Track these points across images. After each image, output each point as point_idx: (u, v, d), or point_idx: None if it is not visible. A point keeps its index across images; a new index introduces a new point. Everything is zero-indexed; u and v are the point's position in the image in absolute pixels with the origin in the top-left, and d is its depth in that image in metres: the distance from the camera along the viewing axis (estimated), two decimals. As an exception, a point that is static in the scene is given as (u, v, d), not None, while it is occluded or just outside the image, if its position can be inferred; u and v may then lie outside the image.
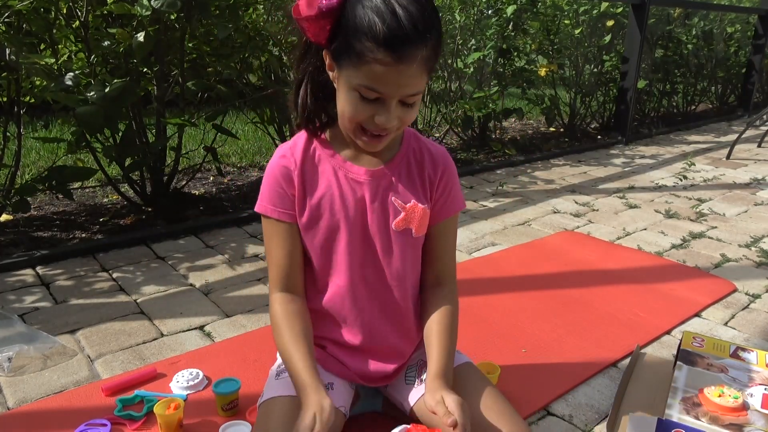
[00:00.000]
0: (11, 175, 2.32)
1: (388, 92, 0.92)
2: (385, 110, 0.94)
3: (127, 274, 2.09)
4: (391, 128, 0.97)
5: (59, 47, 2.47)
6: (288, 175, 1.07)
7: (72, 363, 1.55)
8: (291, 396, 1.06)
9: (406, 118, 0.98)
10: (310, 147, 1.09)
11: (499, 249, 2.41)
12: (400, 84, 0.91)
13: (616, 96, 4.74)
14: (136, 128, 2.53)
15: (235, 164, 3.66)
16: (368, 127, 0.97)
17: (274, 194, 1.08)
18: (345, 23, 0.90)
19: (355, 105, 0.95)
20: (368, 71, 0.90)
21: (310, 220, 1.08)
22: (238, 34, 2.67)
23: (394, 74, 0.89)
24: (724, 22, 5.94)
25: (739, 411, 1.28)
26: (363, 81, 0.91)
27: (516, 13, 3.86)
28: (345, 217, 1.08)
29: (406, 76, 0.90)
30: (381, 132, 0.98)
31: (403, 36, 0.87)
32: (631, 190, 3.36)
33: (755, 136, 4.89)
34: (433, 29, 0.90)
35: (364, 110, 0.95)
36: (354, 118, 0.97)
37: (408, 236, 1.10)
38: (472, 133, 4.31)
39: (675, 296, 1.99)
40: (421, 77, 0.93)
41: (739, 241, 2.56)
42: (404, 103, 0.95)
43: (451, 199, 1.14)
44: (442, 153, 1.14)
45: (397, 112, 0.95)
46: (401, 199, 1.09)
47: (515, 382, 1.47)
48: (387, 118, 0.94)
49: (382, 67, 0.89)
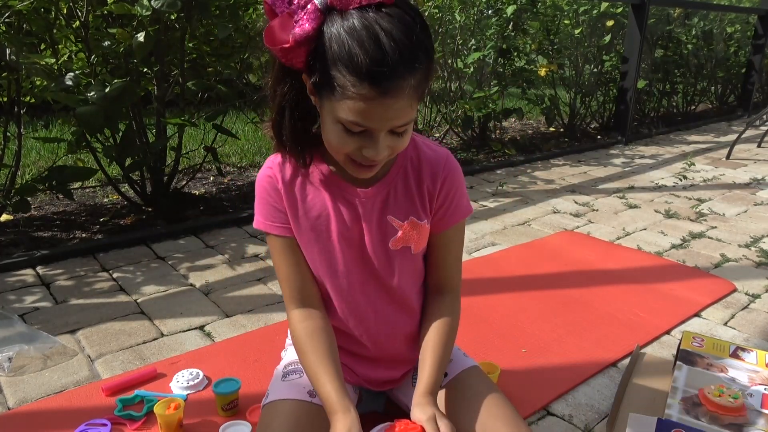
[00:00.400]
0: (11, 175, 2.32)
1: (374, 126, 0.83)
2: (373, 143, 0.86)
3: (128, 274, 2.09)
4: (381, 159, 0.90)
5: (59, 47, 2.47)
6: (276, 188, 1.02)
7: (72, 363, 1.55)
8: (297, 400, 1.05)
9: (397, 146, 0.89)
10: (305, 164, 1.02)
11: (499, 249, 2.41)
12: (387, 117, 0.82)
13: (616, 96, 4.74)
14: (136, 128, 2.53)
15: (235, 164, 3.66)
16: (356, 158, 0.89)
17: (267, 208, 1.03)
18: (323, 51, 0.80)
19: (341, 137, 0.86)
20: (351, 107, 0.81)
21: (308, 240, 1.04)
22: (238, 34, 2.67)
23: (380, 109, 0.81)
24: (724, 22, 5.94)
25: (738, 411, 1.29)
26: (346, 116, 0.82)
27: (516, 13, 3.86)
28: (341, 237, 1.03)
29: (393, 110, 0.82)
30: (371, 162, 0.90)
31: (387, 69, 0.77)
32: (631, 190, 3.36)
33: (755, 136, 4.89)
34: (421, 54, 0.80)
35: (350, 143, 0.86)
36: (340, 151, 0.89)
37: (407, 254, 1.06)
38: (472, 133, 4.31)
39: (675, 296, 1.99)
40: (411, 107, 0.84)
41: (739, 241, 2.56)
42: (394, 132, 0.87)
43: (453, 208, 1.06)
44: (443, 159, 1.04)
45: (387, 142, 0.87)
46: (398, 217, 1.03)
47: (515, 382, 1.47)
48: (376, 151, 0.86)
49: (367, 103, 0.80)
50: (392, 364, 1.16)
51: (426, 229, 1.05)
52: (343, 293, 1.07)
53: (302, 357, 1.02)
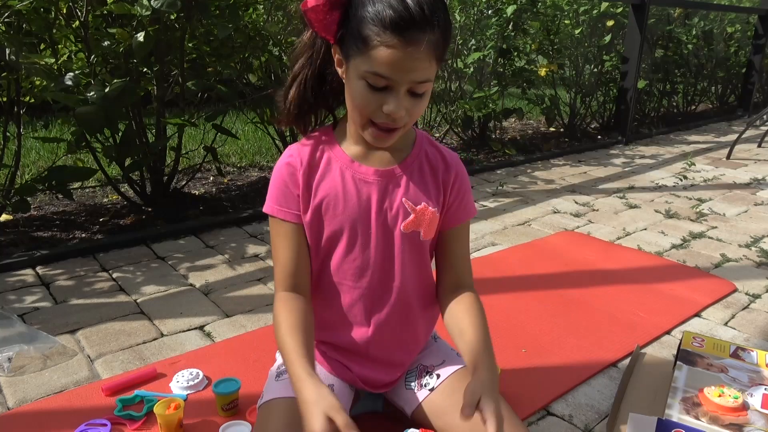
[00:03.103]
0: (11, 175, 2.32)
1: (395, 77, 0.90)
2: (393, 98, 0.92)
3: (127, 274, 2.09)
4: (400, 119, 0.95)
5: (59, 47, 2.47)
6: (293, 174, 1.05)
7: (72, 363, 1.55)
8: (291, 398, 1.04)
9: (415, 110, 0.96)
10: (318, 147, 1.08)
11: (499, 249, 2.41)
12: (407, 68, 0.89)
13: (616, 96, 4.74)
14: (136, 128, 2.53)
15: (235, 164, 3.66)
16: (377, 119, 0.95)
17: (280, 194, 1.06)
18: (353, 13, 0.90)
19: (363, 95, 0.93)
20: (375, 56, 0.89)
21: (312, 221, 1.06)
22: (238, 34, 2.67)
23: (402, 58, 0.88)
24: (724, 22, 5.94)
25: (739, 411, 1.29)
26: (370, 67, 0.90)
27: (516, 13, 3.86)
28: (346, 219, 1.05)
29: (413, 60, 0.88)
30: (390, 124, 0.96)
31: (409, 18, 0.86)
32: (631, 190, 3.36)
33: (755, 136, 4.89)
34: (440, 12, 0.89)
35: (372, 100, 0.93)
36: (362, 109, 0.95)
37: (415, 239, 1.08)
38: (472, 133, 4.31)
39: (675, 296, 1.99)
40: (430, 63, 0.91)
41: (739, 241, 2.56)
42: (413, 94, 0.93)
43: (464, 205, 1.11)
44: (455, 158, 1.12)
45: (406, 103, 0.93)
46: (412, 200, 1.06)
47: (515, 382, 1.47)
48: (396, 107, 0.92)
49: (389, 51, 0.88)
50: (385, 366, 1.16)
51: (436, 217, 1.08)
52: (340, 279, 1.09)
53: (276, 328, 1.03)
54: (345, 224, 1.06)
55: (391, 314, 1.11)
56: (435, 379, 1.15)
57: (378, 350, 1.14)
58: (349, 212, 1.05)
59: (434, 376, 1.15)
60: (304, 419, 0.87)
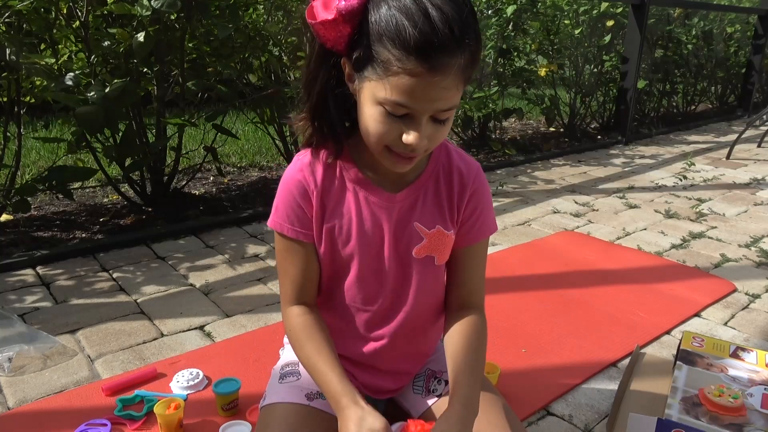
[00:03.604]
0: (11, 175, 2.32)
1: (418, 108, 0.80)
2: (415, 128, 0.82)
3: (128, 274, 2.09)
4: (420, 149, 0.84)
5: (59, 47, 2.47)
6: (305, 192, 0.96)
7: (72, 363, 1.55)
8: (295, 404, 1.03)
9: (437, 136, 0.85)
10: (331, 162, 0.97)
11: (499, 249, 2.41)
12: (432, 98, 0.79)
13: (616, 96, 4.74)
14: (136, 128, 2.53)
15: (235, 164, 3.66)
16: (395, 148, 0.85)
17: (291, 212, 0.97)
18: (368, 28, 0.78)
19: (381, 122, 0.82)
20: (396, 84, 0.78)
21: (326, 244, 1.00)
22: (238, 34, 2.67)
23: (426, 87, 0.77)
24: (724, 22, 5.94)
25: (738, 411, 1.29)
26: (389, 95, 0.79)
27: (516, 13, 3.86)
28: (359, 245, 0.99)
29: (439, 89, 0.78)
30: (410, 154, 0.86)
31: (437, 42, 0.74)
32: (630, 190, 3.36)
33: (755, 136, 4.89)
34: (471, 32, 0.77)
35: (390, 128, 0.83)
36: (379, 137, 0.84)
37: (429, 265, 1.02)
38: (472, 133, 4.31)
39: (675, 296, 1.99)
40: (457, 89, 0.80)
41: (739, 241, 2.56)
42: (436, 120, 0.83)
43: (480, 223, 1.02)
44: (474, 170, 1.01)
45: (428, 131, 0.83)
46: (425, 224, 0.99)
47: (515, 382, 1.47)
48: (416, 138, 0.82)
49: (413, 79, 0.77)
50: (392, 377, 1.13)
51: (451, 239, 1.02)
52: (349, 303, 1.04)
53: (299, 349, 0.97)
54: (357, 250, 0.99)
55: (400, 330, 1.07)
56: (443, 385, 1.12)
57: (385, 362, 1.10)
58: (362, 238, 0.99)
59: (442, 382, 1.12)
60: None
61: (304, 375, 1.09)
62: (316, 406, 1.03)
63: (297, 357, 0.99)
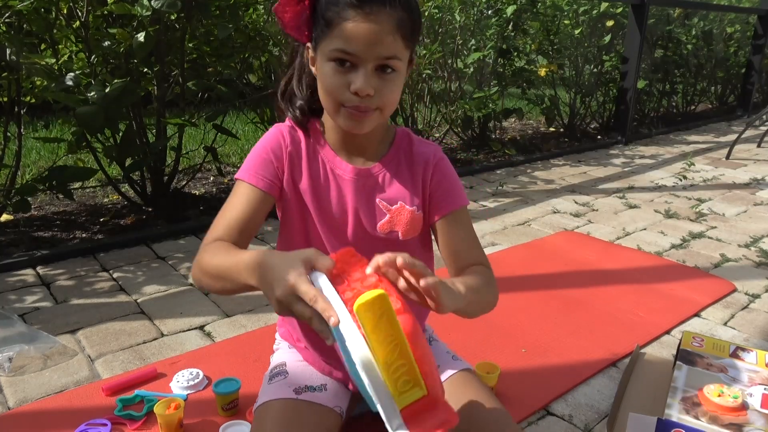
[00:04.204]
0: (12, 175, 2.32)
1: (359, 51, 0.89)
2: (360, 75, 0.90)
3: (128, 274, 2.09)
4: (370, 100, 0.92)
5: (59, 47, 2.47)
6: (279, 149, 1.03)
7: (72, 363, 1.55)
8: (284, 399, 1.04)
9: (385, 91, 0.92)
10: (307, 133, 1.05)
11: (499, 249, 2.41)
12: (370, 41, 0.88)
13: (616, 96, 4.74)
14: (137, 128, 2.53)
15: (235, 164, 3.66)
16: (347, 101, 0.92)
17: (260, 162, 1.02)
18: (319, 6, 0.91)
19: (331, 76, 0.92)
20: (338, 33, 0.89)
21: (290, 211, 1.04)
22: (238, 34, 2.67)
23: (363, 30, 0.87)
24: (723, 22, 5.94)
25: (738, 411, 1.29)
26: (334, 45, 0.89)
27: (516, 13, 3.86)
28: (323, 216, 1.04)
29: (375, 33, 0.88)
30: (360, 105, 0.92)
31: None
32: (630, 190, 3.36)
33: (755, 136, 4.89)
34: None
35: (340, 81, 0.91)
36: (332, 92, 0.93)
37: (394, 241, 1.05)
38: (472, 133, 4.31)
39: (675, 296, 1.99)
40: (395, 39, 0.89)
41: (739, 241, 2.56)
42: (382, 71, 0.91)
43: (448, 195, 1.06)
44: (433, 150, 1.08)
45: (375, 82, 0.91)
46: (387, 200, 1.04)
47: (515, 382, 1.47)
48: (363, 83, 0.89)
49: (350, 24, 0.87)
50: None
51: (416, 216, 1.04)
52: None
53: (211, 258, 0.92)
54: (322, 221, 1.04)
55: None
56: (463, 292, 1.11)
57: None
58: (327, 212, 1.04)
59: None
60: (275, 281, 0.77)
61: (291, 373, 1.11)
62: (305, 398, 1.05)
63: (209, 269, 0.92)
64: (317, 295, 0.71)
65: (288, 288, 0.74)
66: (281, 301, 0.75)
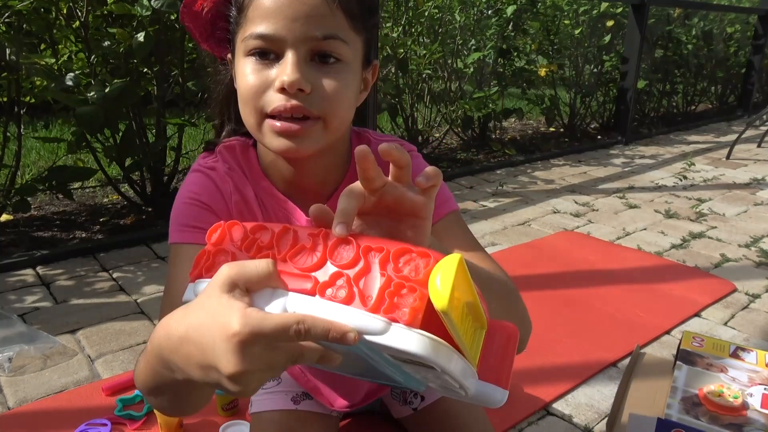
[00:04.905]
0: (11, 175, 2.32)
1: (280, 31, 0.65)
2: (286, 62, 0.66)
3: (128, 274, 2.09)
4: (305, 98, 0.67)
5: (59, 47, 2.47)
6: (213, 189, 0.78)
7: (72, 363, 1.55)
8: (282, 410, 1.00)
9: (328, 89, 0.68)
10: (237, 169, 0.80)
11: (499, 249, 2.41)
12: (294, 16, 0.65)
13: (616, 96, 4.74)
14: (136, 128, 2.53)
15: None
16: (275, 109, 0.67)
17: (191, 212, 0.77)
18: None
19: (250, 74, 0.68)
20: (254, 12, 0.66)
21: None
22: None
23: (283, 2, 0.65)
24: (723, 23, 5.94)
25: (738, 411, 1.29)
26: (250, 29, 0.67)
27: (516, 13, 3.86)
28: None
29: (301, 4, 0.65)
30: (287, 106, 0.67)
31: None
32: (630, 190, 3.36)
33: (755, 136, 4.89)
34: None
35: (262, 79, 0.67)
36: (252, 97, 0.68)
37: None
38: (472, 133, 4.31)
39: (675, 296, 1.99)
40: (333, 14, 0.66)
41: (739, 241, 2.56)
42: (316, 59, 0.68)
43: None
44: None
45: (312, 76, 0.67)
46: None
47: (515, 382, 1.47)
48: (290, 72, 0.65)
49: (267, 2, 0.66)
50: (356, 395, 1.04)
51: None
52: None
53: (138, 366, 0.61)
54: None
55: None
56: (419, 400, 1.07)
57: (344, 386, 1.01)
58: None
59: (419, 397, 1.08)
60: None
61: (284, 378, 1.05)
62: (304, 408, 1.02)
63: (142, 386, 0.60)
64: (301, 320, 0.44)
65: (239, 343, 0.43)
66: (243, 373, 0.43)
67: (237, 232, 0.53)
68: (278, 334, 0.43)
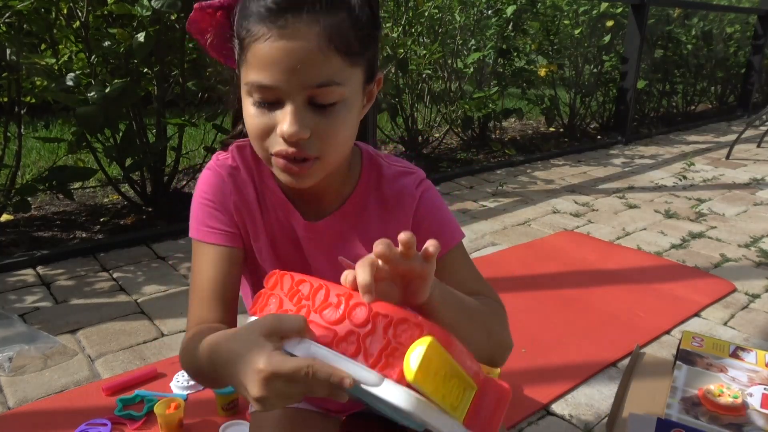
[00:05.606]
0: (12, 175, 2.32)
1: (281, 83, 0.67)
2: (285, 113, 0.68)
3: (128, 274, 2.09)
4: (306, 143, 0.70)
5: (60, 47, 2.47)
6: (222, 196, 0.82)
7: (72, 363, 1.55)
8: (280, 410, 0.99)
9: (326, 132, 0.70)
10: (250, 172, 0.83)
11: (499, 249, 2.41)
12: (291, 67, 0.66)
13: (616, 96, 4.74)
14: (137, 128, 2.53)
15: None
16: (274, 147, 0.71)
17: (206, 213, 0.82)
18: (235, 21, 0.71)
19: (254, 116, 0.70)
20: (252, 61, 0.67)
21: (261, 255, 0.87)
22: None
23: (279, 54, 0.65)
24: (723, 23, 5.94)
25: (738, 411, 1.29)
26: (250, 75, 0.68)
27: (516, 14, 3.86)
28: None
29: (296, 52, 0.65)
30: (289, 152, 0.70)
31: (284, 2, 0.65)
32: (630, 190, 3.36)
33: (755, 136, 4.89)
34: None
35: (265, 123, 0.70)
36: (258, 138, 0.71)
37: None
38: (472, 133, 4.31)
39: (675, 296, 1.99)
40: (326, 57, 0.66)
41: (739, 241, 2.56)
42: (315, 105, 0.69)
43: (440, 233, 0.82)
44: (413, 181, 0.85)
45: (310, 121, 0.69)
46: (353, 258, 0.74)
47: (515, 382, 1.47)
48: (288, 125, 0.67)
49: (263, 45, 0.66)
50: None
51: None
52: None
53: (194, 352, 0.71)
54: None
55: None
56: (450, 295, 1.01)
57: None
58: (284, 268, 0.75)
59: None
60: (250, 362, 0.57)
61: None
62: (304, 406, 1.01)
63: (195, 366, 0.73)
64: (310, 365, 0.55)
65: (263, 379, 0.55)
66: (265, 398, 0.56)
67: (287, 281, 0.67)
68: (293, 374, 0.55)
